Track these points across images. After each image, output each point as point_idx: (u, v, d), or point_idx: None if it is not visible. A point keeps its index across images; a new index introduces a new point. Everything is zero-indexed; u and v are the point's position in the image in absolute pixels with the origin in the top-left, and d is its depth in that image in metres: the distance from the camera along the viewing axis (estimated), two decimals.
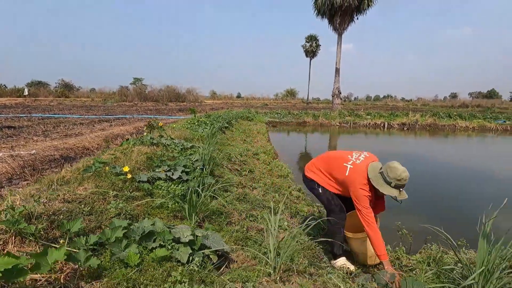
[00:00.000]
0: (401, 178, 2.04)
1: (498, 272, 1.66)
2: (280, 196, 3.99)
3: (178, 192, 2.75)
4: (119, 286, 1.34)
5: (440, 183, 6.15)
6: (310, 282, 1.78)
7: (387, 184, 2.09)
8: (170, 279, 1.35)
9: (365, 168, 2.23)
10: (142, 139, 4.77)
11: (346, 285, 1.73)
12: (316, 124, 18.66)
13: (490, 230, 1.81)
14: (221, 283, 1.55)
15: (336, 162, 2.43)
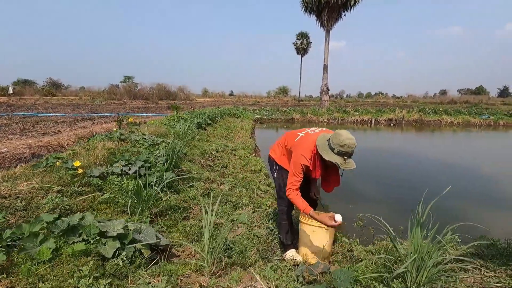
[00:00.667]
0: (344, 144, 1.91)
1: (431, 260, 1.64)
2: (248, 190, 3.95)
3: (130, 187, 2.67)
4: (23, 282, 1.27)
5: (408, 175, 6.20)
6: (242, 274, 1.73)
7: (331, 150, 1.98)
8: (77, 274, 1.28)
9: (316, 137, 2.16)
10: (110, 135, 4.67)
11: (275, 276, 1.69)
12: (304, 121, 18.66)
13: (429, 217, 1.79)
14: (137, 277, 1.49)
15: (292, 133, 2.37)
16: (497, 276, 2.08)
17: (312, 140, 2.16)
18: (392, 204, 4.65)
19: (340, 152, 1.95)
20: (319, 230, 2.27)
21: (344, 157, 1.95)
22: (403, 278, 1.70)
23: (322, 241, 2.26)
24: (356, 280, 1.77)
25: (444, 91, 70.98)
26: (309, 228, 2.31)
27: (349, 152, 1.94)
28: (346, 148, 1.92)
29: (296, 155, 2.13)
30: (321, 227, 2.25)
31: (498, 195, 5.04)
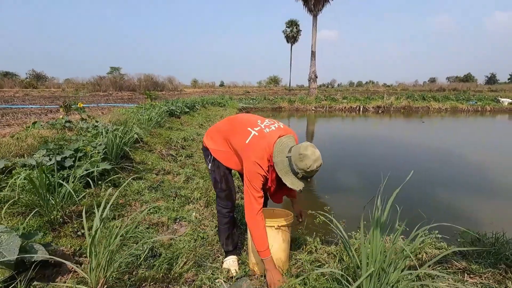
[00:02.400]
0: (312, 170, 1.50)
1: (397, 272, 1.19)
2: (206, 182, 3.46)
3: (44, 181, 2.14)
4: None
5: (384, 162, 5.82)
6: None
7: (294, 174, 1.54)
8: None
9: (273, 142, 1.63)
10: (54, 123, 4.10)
11: None
12: (292, 109, 18.20)
13: (397, 211, 1.34)
14: None
15: (241, 125, 1.78)
16: (483, 283, 1.67)
17: (269, 146, 1.62)
18: (361, 193, 4.25)
19: (305, 177, 1.55)
20: (268, 230, 1.78)
21: (308, 180, 1.57)
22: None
23: (273, 244, 1.78)
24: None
25: (434, 79, 71.39)
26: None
27: (314, 175, 1.56)
28: (313, 173, 1.53)
29: (251, 165, 1.61)
30: (270, 227, 1.77)
31: (484, 184, 4.68)
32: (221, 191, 1.89)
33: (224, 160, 1.87)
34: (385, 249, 1.22)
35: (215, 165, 1.91)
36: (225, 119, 1.99)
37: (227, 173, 1.92)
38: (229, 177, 1.94)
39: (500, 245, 2.11)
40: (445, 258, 1.95)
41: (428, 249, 2.10)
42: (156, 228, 2.40)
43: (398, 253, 1.26)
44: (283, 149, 1.59)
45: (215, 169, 1.91)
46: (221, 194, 1.89)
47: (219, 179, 1.89)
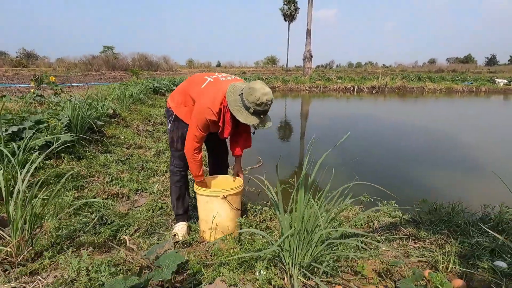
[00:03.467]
0: (261, 102, 1.53)
1: (319, 232, 1.18)
2: None
3: None
4: None
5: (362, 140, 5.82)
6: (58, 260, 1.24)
7: (246, 109, 1.58)
8: None
9: (226, 87, 1.69)
10: (24, 96, 4.00)
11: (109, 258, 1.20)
12: (286, 89, 17.97)
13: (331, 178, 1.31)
14: None
15: (199, 77, 1.83)
16: (425, 247, 1.68)
17: (222, 90, 1.68)
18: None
19: (256, 112, 1.58)
20: (214, 200, 1.77)
21: (261, 116, 1.60)
22: (280, 258, 1.25)
23: (220, 213, 1.77)
24: (223, 264, 1.32)
25: (434, 60, 70.34)
26: (202, 198, 1.82)
27: (266, 110, 1.60)
28: (263, 107, 1.56)
29: (201, 107, 1.65)
30: (215, 197, 1.76)
31: (460, 160, 4.69)
32: (176, 151, 1.88)
33: (185, 116, 1.84)
34: (314, 212, 1.20)
35: (174, 125, 1.89)
36: (185, 80, 1.97)
37: (185, 134, 1.89)
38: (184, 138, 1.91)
39: (455, 214, 2.12)
40: (394, 225, 1.96)
41: (382, 218, 2.10)
42: (115, 198, 2.39)
43: (326, 214, 1.24)
44: (235, 90, 1.65)
45: (174, 129, 1.89)
46: (175, 154, 1.89)
47: (176, 139, 1.87)
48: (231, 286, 1.13)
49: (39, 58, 50.04)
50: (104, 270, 1.09)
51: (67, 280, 1.06)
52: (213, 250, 1.48)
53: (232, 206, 1.82)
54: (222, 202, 1.78)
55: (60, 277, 1.09)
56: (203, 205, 1.84)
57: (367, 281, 1.33)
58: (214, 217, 1.75)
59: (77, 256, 1.22)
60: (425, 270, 1.31)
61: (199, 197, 1.85)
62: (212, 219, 1.78)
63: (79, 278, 1.07)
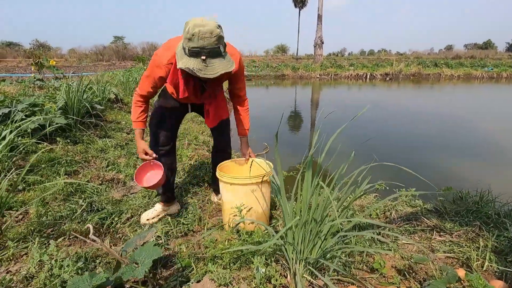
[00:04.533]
0: (191, 36, 1.13)
1: (329, 223, 0.97)
2: (181, 141, 3.26)
3: None
4: None
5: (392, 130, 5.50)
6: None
7: (185, 53, 1.20)
8: None
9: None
10: (22, 81, 3.89)
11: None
12: (296, 77, 17.54)
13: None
14: None
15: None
16: (453, 241, 1.45)
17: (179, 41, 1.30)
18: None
19: (192, 51, 1.16)
20: (238, 188, 1.50)
21: (202, 57, 1.16)
22: (282, 252, 1.05)
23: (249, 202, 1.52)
24: (215, 258, 1.13)
25: (450, 46, 67.59)
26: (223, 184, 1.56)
27: (206, 47, 1.15)
28: (197, 42, 1.14)
29: (154, 55, 1.40)
30: (242, 185, 1.49)
31: (480, 148, 4.36)
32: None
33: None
34: (323, 198, 0.99)
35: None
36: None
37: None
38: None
39: (484, 204, 1.87)
40: (415, 216, 1.73)
41: (401, 207, 1.88)
42: (110, 184, 2.24)
43: (338, 203, 1.03)
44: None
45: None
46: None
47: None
48: (221, 286, 0.94)
49: (51, 49, 50.73)
50: (68, 265, 0.92)
51: (25, 275, 0.90)
52: (206, 242, 1.29)
53: (264, 193, 1.56)
54: (250, 191, 1.53)
55: (15, 272, 0.93)
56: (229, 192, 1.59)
57: (386, 280, 1.13)
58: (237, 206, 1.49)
59: (43, 248, 1.06)
60: (458, 269, 1.09)
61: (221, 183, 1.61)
62: (232, 207, 1.53)
63: (39, 274, 0.91)
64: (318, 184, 1.00)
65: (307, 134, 5.69)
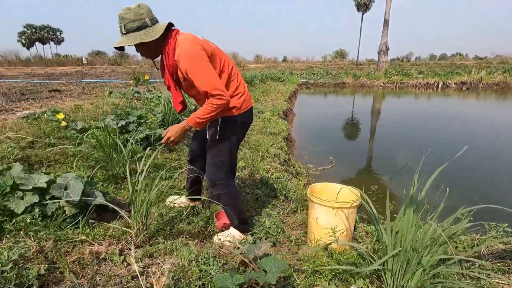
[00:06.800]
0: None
1: (430, 255, 1.07)
2: (254, 153, 3.54)
3: (108, 141, 2.49)
4: None
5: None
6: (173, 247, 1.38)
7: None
8: None
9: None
10: (124, 93, 4.62)
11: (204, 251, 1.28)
12: (356, 85, 16.95)
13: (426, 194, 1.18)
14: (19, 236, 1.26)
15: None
16: None
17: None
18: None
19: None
20: (326, 210, 1.62)
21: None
22: (380, 277, 1.17)
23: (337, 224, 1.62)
24: (315, 272, 1.30)
25: None
26: (314, 204, 1.69)
27: (120, 27, 1.47)
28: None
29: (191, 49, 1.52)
30: (336, 208, 1.59)
31: None
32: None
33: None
34: (421, 231, 1.09)
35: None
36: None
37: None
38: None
39: None
40: (509, 254, 1.67)
41: (492, 243, 1.81)
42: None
43: (435, 236, 1.12)
44: None
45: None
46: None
47: None
48: None
49: (129, 57, 57.69)
50: (213, 264, 1.19)
51: (182, 268, 1.19)
52: (302, 256, 1.48)
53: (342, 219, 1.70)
54: (338, 213, 1.66)
55: (176, 264, 1.22)
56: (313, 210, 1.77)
57: None
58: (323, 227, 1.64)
59: (185, 245, 1.36)
60: None
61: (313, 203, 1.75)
62: (320, 227, 1.67)
63: (190, 267, 1.20)
64: (417, 221, 1.10)
65: (365, 143, 5.54)
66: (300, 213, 2.30)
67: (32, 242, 1.19)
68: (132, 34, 1.45)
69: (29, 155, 2.10)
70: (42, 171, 1.95)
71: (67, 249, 1.24)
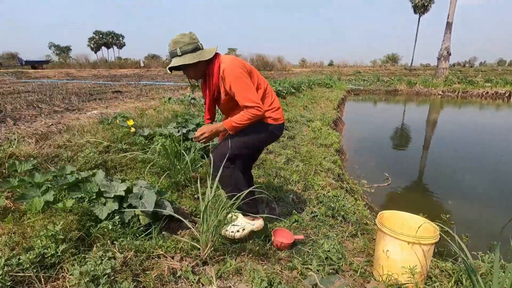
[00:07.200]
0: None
1: None
2: (306, 166, 3.46)
3: (173, 149, 2.62)
4: (7, 227, 1.30)
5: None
6: (241, 266, 1.37)
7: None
8: (43, 232, 1.22)
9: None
10: (182, 99, 4.86)
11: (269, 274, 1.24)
12: (411, 93, 15.83)
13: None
14: (104, 246, 1.34)
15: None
16: None
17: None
18: (496, 205, 3.33)
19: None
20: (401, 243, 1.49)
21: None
22: None
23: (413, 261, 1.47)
24: None
25: None
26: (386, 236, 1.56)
27: (169, 51, 1.69)
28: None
29: (233, 67, 1.73)
30: (414, 243, 1.45)
31: None
32: None
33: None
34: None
35: None
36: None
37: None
38: None
39: None
40: None
41: None
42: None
43: None
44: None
45: None
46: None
47: None
48: None
49: None
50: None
51: None
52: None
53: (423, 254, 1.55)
54: (414, 248, 1.51)
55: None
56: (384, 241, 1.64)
57: None
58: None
59: (255, 270, 1.35)
60: None
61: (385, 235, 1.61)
62: (391, 262, 1.53)
63: None
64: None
65: (424, 160, 5.07)
66: (361, 238, 2.17)
67: (117, 253, 1.28)
68: (188, 55, 1.63)
69: (106, 160, 2.29)
70: (117, 176, 2.11)
71: (148, 264, 1.30)
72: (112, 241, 1.43)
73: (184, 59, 1.62)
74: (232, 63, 1.64)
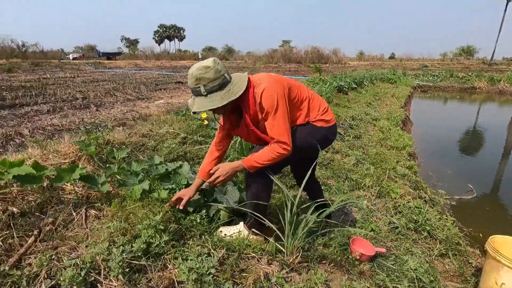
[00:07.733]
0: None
1: None
2: (378, 169, 3.20)
3: (249, 144, 2.63)
4: (110, 213, 1.41)
5: None
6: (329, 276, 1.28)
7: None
8: (146, 221, 1.28)
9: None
10: None
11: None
12: (492, 91, 13.83)
13: None
14: (197, 241, 1.36)
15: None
16: None
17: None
18: None
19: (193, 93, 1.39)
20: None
21: (193, 96, 1.39)
22: None
23: None
24: None
25: None
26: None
27: (190, 87, 1.36)
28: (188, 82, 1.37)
29: (272, 92, 1.41)
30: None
31: None
32: None
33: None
34: None
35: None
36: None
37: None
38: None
39: None
40: None
41: None
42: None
43: None
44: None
45: None
46: None
47: None
48: None
49: (235, 52, 63.11)
50: None
51: None
52: None
53: None
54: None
55: None
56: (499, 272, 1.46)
57: None
58: None
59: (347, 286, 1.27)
60: None
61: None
62: None
63: None
64: None
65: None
66: (453, 259, 1.92)
67: (212, 250, 1.30)
68: (215, 95, 1.32)
69: (185, 152, 2.39)
70: (196, 168, 2.18)
71: (243, 266, 1.30)
72: (200, 234, 1.46)
73: (212, 101, 1.30)
74: (269, 86, 1.35)
